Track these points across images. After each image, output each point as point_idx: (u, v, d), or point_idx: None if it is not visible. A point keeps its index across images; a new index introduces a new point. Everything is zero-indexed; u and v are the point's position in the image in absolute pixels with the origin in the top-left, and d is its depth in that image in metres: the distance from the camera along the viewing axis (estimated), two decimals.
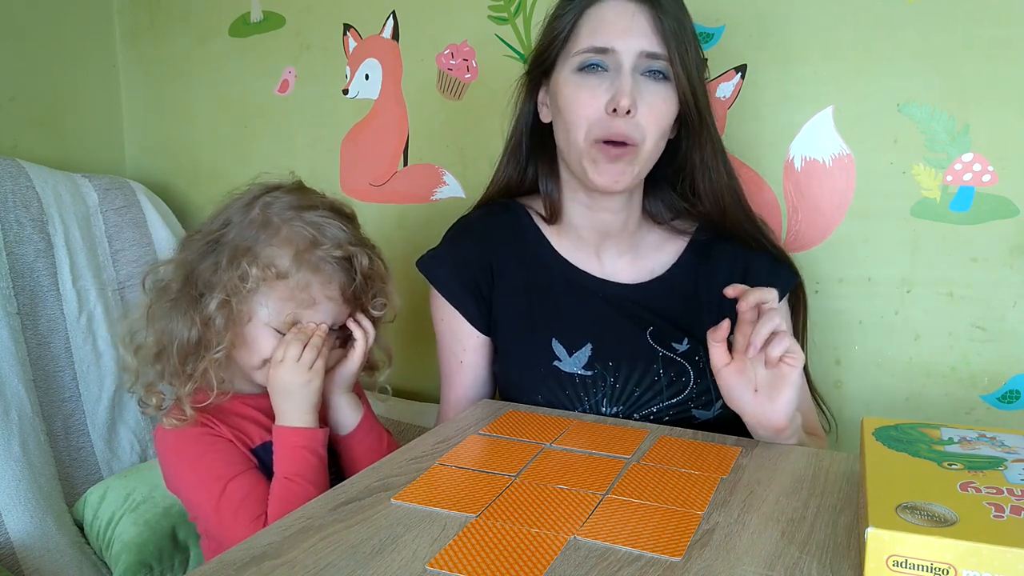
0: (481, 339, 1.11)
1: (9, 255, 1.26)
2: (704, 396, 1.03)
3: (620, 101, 0.94)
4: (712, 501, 0.76)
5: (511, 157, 1.11)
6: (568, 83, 0.98)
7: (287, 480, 0.93)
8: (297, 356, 0.94)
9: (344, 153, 1.56)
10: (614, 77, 0.96)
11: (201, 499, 0.95)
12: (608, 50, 0.95)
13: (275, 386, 0.96)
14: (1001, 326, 1.15)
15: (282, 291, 0.95)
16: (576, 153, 0.99)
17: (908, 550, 0.57)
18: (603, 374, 1.03)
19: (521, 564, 0.64)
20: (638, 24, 0.95)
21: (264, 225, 0.97)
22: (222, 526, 0.93)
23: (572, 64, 0.98)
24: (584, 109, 0.96)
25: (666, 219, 1.11)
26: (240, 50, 1.61)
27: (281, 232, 0.96)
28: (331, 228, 0.98)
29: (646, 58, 0.95)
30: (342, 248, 0.97)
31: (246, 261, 0.94)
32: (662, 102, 0.97)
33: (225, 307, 0.95)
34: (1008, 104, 1.10)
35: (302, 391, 0.95)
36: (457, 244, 1.12)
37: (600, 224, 1.07)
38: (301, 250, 0.95)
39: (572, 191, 1.06)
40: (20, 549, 1.13)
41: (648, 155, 0.99)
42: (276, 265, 0.94)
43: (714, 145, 1.03)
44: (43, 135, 1.56)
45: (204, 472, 0.94)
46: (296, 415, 0.96)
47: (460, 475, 0.81)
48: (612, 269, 1.09)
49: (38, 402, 1.24)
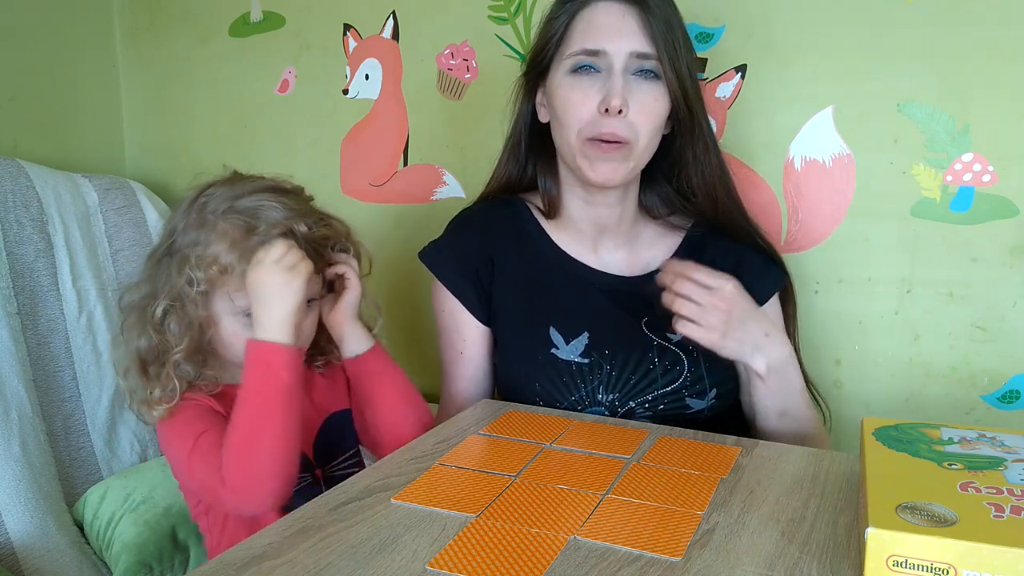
0: (481, 330, 1.12)
1: (9, 255, 1.26)
2: (698, 384, 1.05)
3: (611, 102, 0.96)
4: (712, 501, 0.76)
5: (511, 155, 1.14)
6: (562, 85, 1.01)
7: (242, 399, 0.90)
8: (278, 256, 0.91)
9: (344, 153, 1.57)
10: (606, 78, 0.98)
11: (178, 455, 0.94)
12: (599, 52, 0.98)
13: (253, 289, 0.92)
14: (1001, 326, 1.15)
15: (235, 283, 0.95)
16: (571, 151, 1.02)
17: (908, 550, 0.57)
18: (599, 362, 1.05)
19: (521, 564, 0.64)
20: (628, 25, 0.98)
21: (201, 225, 0.96)
22: (194, 478, 0.92)
23: (565, 66, 1.01)
24: (577, 110, 0.99)
25: (662, 214, 1.13)
26: (240, 50, 1.61)
27: (217, 227, 0.95)
28: (265, 210, 0.97)
29: (636, 58, 0.98)
30: (279, 226, 0.96)
31: (189, 267, 0.94)
32: (653, 100, 0.99)
33: (173, 312, 0.95)
34: (1008, 104, 1.10)
35: (281, 293, 0.91)
36: (459, 236, 1.14)
37: (597, 218, 1.09)
38: (238, 240, 0.94)
39: (570, 187, 1.09)
40: (20, 549, 1.13)
41: (642, 151, 1.01)
42: (218, 262, 0.94)
43: (706, 141, 1.05)
44: (43, 135, 1.56)
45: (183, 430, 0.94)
46: (272, 324, 0.91)
47: (460, 475, 0.81)
48: (609, 262, 1.11)
49: (38, 402, 1.24)
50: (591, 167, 1.00)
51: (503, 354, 1.11)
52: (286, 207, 0.97)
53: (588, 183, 1.03)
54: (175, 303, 0.95)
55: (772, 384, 1.00)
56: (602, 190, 1.04)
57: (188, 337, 0.95)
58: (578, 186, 1.07)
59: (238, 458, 0.89)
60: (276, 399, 0.90)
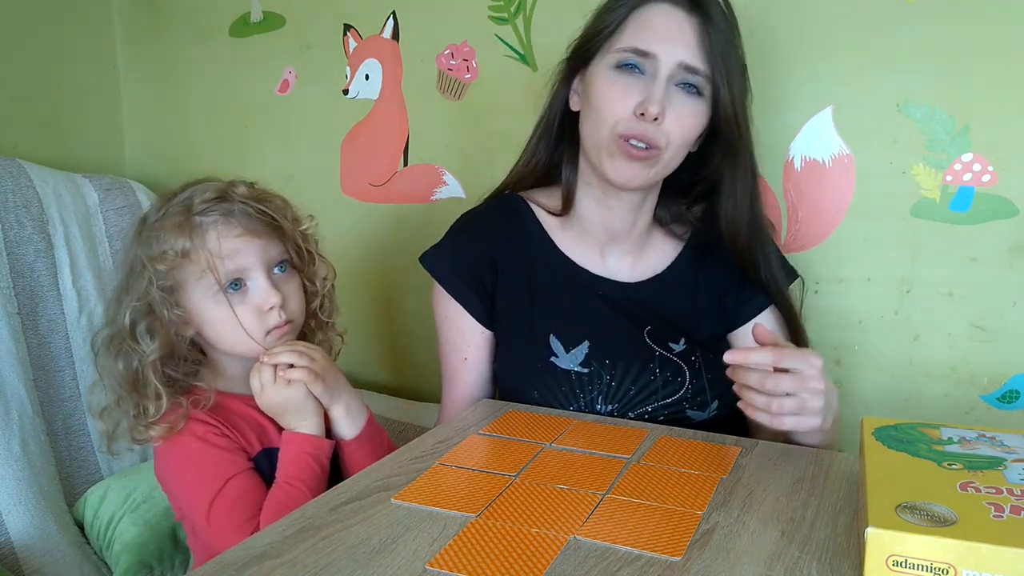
0: (485, 335, 1.11)
1: (9, 255, 1.26)
2: (699, 397, 1.04)
3: (649, 107, 0.94)
4: (712, 501, 0.76)
5: (542, 139, 1.11)
6: (603, 77, 0.99)
7: (287, 484, 0.94)
8: (272, 378, 0.95)
9: (344, 153, 1.57)
10: (648, 82, 0.96)
11: (196, 496, 0.94)
12: (649, 54, 0.96)
13: (269, 410, 0.98)
14: (1001, 326, 1.15)
15: (196, 265, 0.94)
16: (597, 146, 0.99)
17: (908, 550, 0.58)
18: (599, 371, 1.03)
19: (521, 564, 0.64)
20: (684, 35, 0.95)
21: (144, 238, 0.97)
22: (212, 525, 0.92)
23: (610, 60, 0.98)
24: (614, 106, 0.97)
25: (666, 222, 1.12)
26: (240, 50, 1.62)
27: (160, 226, 0.96)
28: (199, 191, 0.97)
29: (683, 70, 0.96)
30: (217, 194, 0.97)
31: (146, 269, 0.94)
32: (690, 116, 0.97)
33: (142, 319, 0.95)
34: (1008, 104, 1.10)
35: (292, 402, 0.96)
36: (460, 239, 1.12)
37: (609, 222, 1.07)
38: (182, 222, 0.95)
39: (586, 184, 1.06)
40: (20, 549, 1.13)
41: (668, 162, 0.99)
42: (172, 249, 0.94)
43: (746, 169, 1.02)
44: (43, 135, 1.56)
45: (204, 469, 0.94)
46: (301, 425, 0.97)
47: (460, 475, 0.81)
48: (614, 268, 1.09)
49: (38, 402, 1.24)
50: (613, 166, 0.98)
51: (502, 359, 1.10)
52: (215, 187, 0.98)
53: (607, 182, 1.01)
54: (142, 308, 0.95)
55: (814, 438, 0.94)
56: (617, 193, 1.03)
57: (160, 338, 0.95)
58: (595, 184, 1.05)
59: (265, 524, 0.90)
60: (318, 489, 0.94)
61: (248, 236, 0.96)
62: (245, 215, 0.97)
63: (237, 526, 0.91)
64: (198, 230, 0.94)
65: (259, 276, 0.97)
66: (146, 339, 0.95)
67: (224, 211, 0.96)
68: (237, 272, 0.96)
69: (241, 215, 0.96)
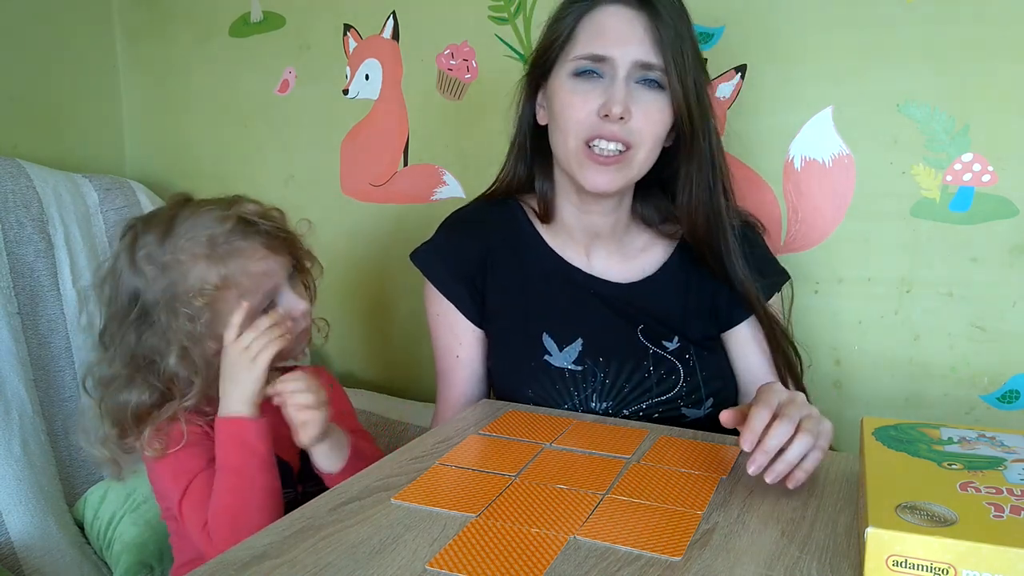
0: (477, 333, 1.11)
1: (9, 255, 1.26)
2: (694, 394, 1.04)
3: (612, 108, 0.95)
4: (712, 501, 0.76)
5: (518, 157, 1.11)
6: (563, 87, 0.99)
7: (220, 471, 0.93)
8: (245, 345, 0.94)
9: (344, 153, 1.57)
10: (608, 84, 0.96)
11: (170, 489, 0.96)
12: (604, 58, 0.96)
13: (224, 366, 0.95)
14: (1001, 326, 1.15)
15: (233, 292, 0.95)
16: (567, 156, 1.00)
17: (908, 550, 0.58)
18: (593, 369, 1.04)
19: (521, 564, 0.64)
20: (636, 32, 0.96)
21: (164, 270, 0.96)
22: (185, 522, 0.94)
23: (568, 69, 0.99)
24: (577, 114, 0.97)
25: (655, 222, 1.11)
26: (240, 50, 1.61)
27: (180, 259, 0.95)
28: (203, 217, 0.97)
29: (640, 68, 0.96)
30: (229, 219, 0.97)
31: (182, 305, 0.94)
32: (657, 111, 0.97)
33: (186, 357, 0.95)
34: (1008, 104, 1.10)
35: (245, 378, 0.94)
36: (451, 237, 1.13)
37: (590, 225, 1.08)
38: (209, 254, 0.95)
39: (564, 192, 1.07)
40: (21, 549, 1.13)
41: (641, 161, 0.99)
42: (209, 282, 0.94)
43: (703, 160, 1.01)
44: (43, 135, 1.56)
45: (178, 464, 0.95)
46: (236, 402, 0.94)
47: (460, 475, 0.81)
48: (602, 268, 1.10)
49: (39, 402, 1.24)
50: (585, 176, 0.98)
51: (496, 358, 1.11)
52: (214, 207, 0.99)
53: (583, 190, 1.01)
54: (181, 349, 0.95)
55: None
56: (596, 198, 1.03)
57: (201, 377, 0.96)
58: (572, 192, 1.05)
59: (225, 524, 0.90)
60: (258, 473, 0.93)
61: (271, 254, 0.99)
62: (264, 234, 0.99)
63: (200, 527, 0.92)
64: (228, 258, 0.95)
65: (286, 288, 1.00)
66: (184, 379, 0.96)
67: (245, 234, 0.97)
68: (274, 291, 0.99)
69: (262, 234, 0.99)
